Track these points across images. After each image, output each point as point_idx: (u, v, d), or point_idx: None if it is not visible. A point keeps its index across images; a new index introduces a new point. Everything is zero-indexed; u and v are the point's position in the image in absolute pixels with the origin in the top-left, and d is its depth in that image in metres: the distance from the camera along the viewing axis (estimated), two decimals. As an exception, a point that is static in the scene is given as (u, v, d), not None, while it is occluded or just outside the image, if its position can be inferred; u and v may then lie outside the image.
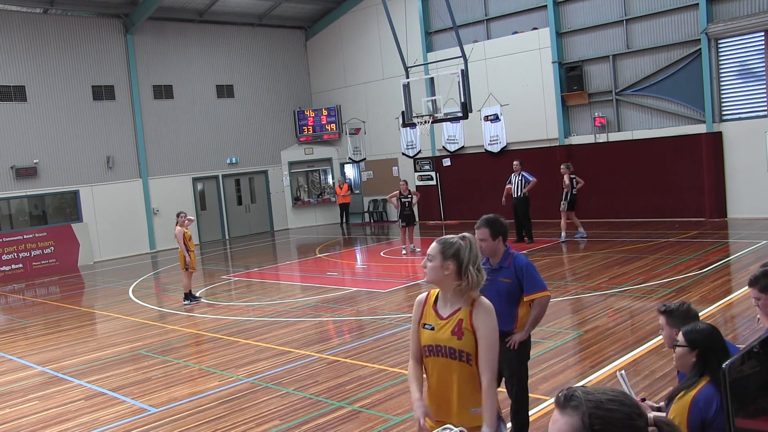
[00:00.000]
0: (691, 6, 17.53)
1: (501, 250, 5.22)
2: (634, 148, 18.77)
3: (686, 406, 3.31)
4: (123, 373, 8.82)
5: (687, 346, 3.49)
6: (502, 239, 5.21)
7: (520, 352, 5.28)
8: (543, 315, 5.30)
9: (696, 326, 3.56)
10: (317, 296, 12.67)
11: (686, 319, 3.96)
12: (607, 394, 1.76)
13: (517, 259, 5.21)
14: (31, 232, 20.05)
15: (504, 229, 5.24)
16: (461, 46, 17.23)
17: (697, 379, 3.41)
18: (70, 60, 21.05)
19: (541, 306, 5.24)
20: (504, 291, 5.12)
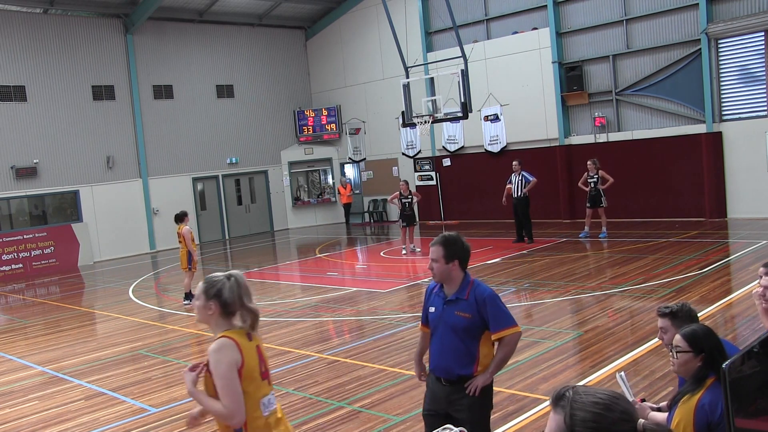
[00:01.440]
0: (691, 6, 17.53)
1: (457, 278, 4.35)
2: (634, 148, 18.78)
3: (692, 409, 3.28)
4: (123, 373, 8.82)
5: (691, 351, 3.42)
6: (458, 263, 4.33)
7: (482, 400, 4.41)
8: (512, 354, 4.44)
9: (695, 330, 3.49)
10: (317, 296, 12.67)
11: (688, 319, 3.94)
12: (596, 396, 1.79)
13: (479, 290, 4.32)
14: (31, 232, 20.05)
15: (463, 252, 4.35)
16: (461, 46, 17.23)
17: (700, 382, 3.39)
18: (70, 60, 21.05)
19: (511, 344, 4.37)
20: (461, 327, 4.29)
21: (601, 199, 16.06)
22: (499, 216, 20.63)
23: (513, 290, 11.68)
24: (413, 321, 10.17)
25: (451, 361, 4.32)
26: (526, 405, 6.41)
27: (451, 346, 4.31)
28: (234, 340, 3.40)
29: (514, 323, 4.33)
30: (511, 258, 14.77)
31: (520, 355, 7.98)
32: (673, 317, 3.96)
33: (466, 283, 4.36)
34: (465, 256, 4.37)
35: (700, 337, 3.44)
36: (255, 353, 3.54)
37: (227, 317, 3.49)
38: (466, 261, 4.37)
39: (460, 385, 4.29)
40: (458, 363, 4.30)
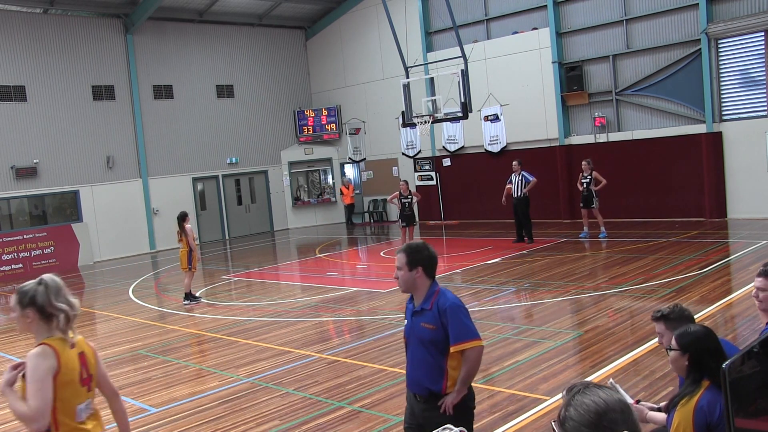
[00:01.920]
0: (691, 6, 17.53)
1: (423, 286, 4.16)
2: (634, 148, 18.78)
3: (691, 411, 3.31)
4: (123, 373, 8.82)
5: (679, 350, 3.49)
6: (423, 271, 4.13)
7: (457, 418, 4.08)
8: (477, 370, 4.19)
9: (688, 329, 3.54)
10: (317, 296, 12.67)
11: (683, 320, 3.96)
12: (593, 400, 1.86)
13: (442, 299, 4.11)
14: (31, 232, 20.04)
15: (427, 260, 4.15)
16: (461, 46, 17.23)
17: (697, 384, 3.41)
18: (70, 60, 21.05)
19: (473, 360, 4.12)
20: (427, 340, 4.12)
21: (593, 200, 16.06)
22: (499, 216, 20.63)
23: (513, 290, 11.68)
24: (413, 321, 10.17)
25: (422, 375, 4.17)
26: (526, 405, 6.42)
27: (421, 360, 4.17)
28: (53, 347, 3.43)
29: (475, 336, 4.10)
30: (511, 258, 14.77)
31: (520, 355, 7.98)
32: (666, 320, 3.99)
33: (431, 292, 4.17)
34: (429, 264, 4.17)
35: (687, 337, 3.49)
36: (76, 360, 3.56)
37: (47, 322, 3.49)
38: (432, 269, 4.19)
39: (434, 402, 4.13)
40: (428, 377, 4.14)
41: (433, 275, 4.20)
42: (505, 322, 9.72)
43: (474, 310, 10.54)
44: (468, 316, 4.13)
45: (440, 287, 4.19)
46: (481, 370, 7.58)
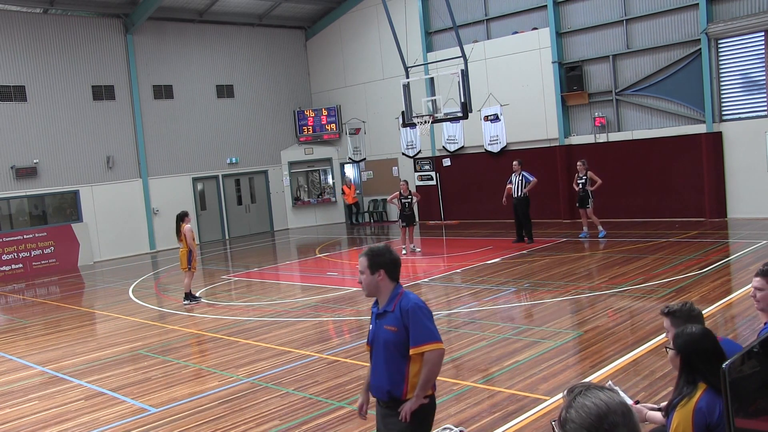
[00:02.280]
0: (691, 6, 17.53)
1: (386, 289, 4.13)
2: (634, 148, 18.78)
3: (690, 412, 3.31)
4: (123, 373, 8.82)
5: (674, 350, 3.52)
6: (386, 274, 4.10)
7: (414, 425, 4.03)
8: (436, 374, 4.08)
9: (684, 329, 3.55)
10: (317, 296, 12.67)
11: (689, 319, 3.95)
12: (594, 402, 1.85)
13: (404, 301, 4.05)
14: (31, 232, 20.05)
15: (389, 264, 4.13)
16: (461, 46, 17.23)
17: (693, 385, 3.41)
18: (70, 60, 21.05)
19: (432, 362, 4.00)
20: (390, 342, 4.04)
21: (588, 200, 16.06)
22: (499, 216, 20.63)
23: (513, 290, 11.68)
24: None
25: (384, 379, 4.10)
26: (526, 405, 6.42)
27: (383, 364, 4.10)
28: None
29: (435, 339, 3.99)
30: (511, 258, 14.77)
31: (520, 355, 7.98)
32: (672, 316, 3.99)
33: (395, 294, 4.11)
34: (392, 267, 4.14)
35: (681, 338, 3.51)
36: None
37: None
38: (394, 272, 4.16)
39: (395, 407, 4.04)
40: (389, 382, 4.07)
41: (397, 278, 4.17)
42: (505, 322, 9.72)
43: (474, 310, 10.55)
44: (430, 319, 4.05)
45: (404, 290, 4.14)
46: (481, 369, 7.61)
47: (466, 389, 7.00)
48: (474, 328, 9.47)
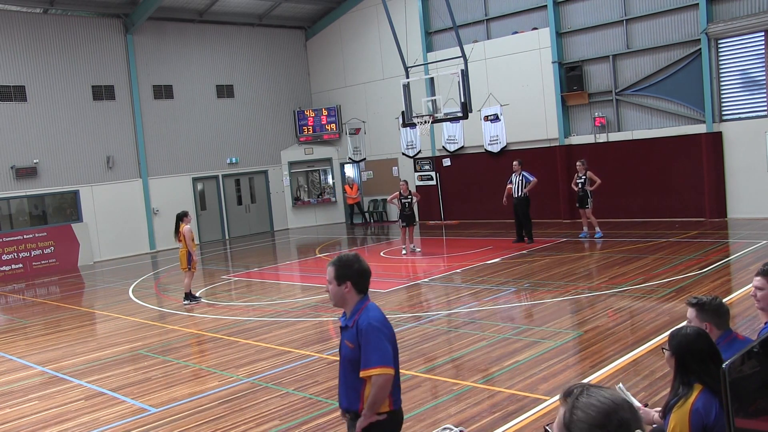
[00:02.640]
0: (691, 6, 17.53)
1: (351, 302, 3.97)
2: (634, 148, 18.78)
3: (686, 414, 3.31)
4: (123, 373, 8.82)
5: (669, 351, 3.52)
6: (352, 285, 3.94)
7: None
8: (383, 398, 3.89)
9: (680, 330, 3.53)
10: (317, 296, 12.66)
11: (717, 314, 3.89)
12: (599, 400, 1.82)
13: (362, 317, 3.89)
14: (31, 232, 20.05)
15: (357, 275, 3.96)
16: (461, 46, 17.22)
17: (688, 386, 3.40)
18: (70, 60, 21.05)
19: (378, 386, 3.83)
20: (348, 358, 3.96)
21: (587, 200, 16.06)
22: (499, 216, 20.63)
23: (513, 290, 11.68)
24: (413, 321, 10.18)
25: (343, 393, 4.08)
26: (526, 405, 6.42)
27: (343, 378, 4.07)
28: None
29: (381, 363, 3.82)
30: (511, 258, 14.76)
31: (520, 355, 7.98)
32: (699, 309, 3.93)
33: (357, 309, 3.95)
34: (359, 279, 3.97)
35: (675, 339, 3.50)
36: None
37: None
38: (362, 284, 3.98)
39: (356, 420, 3.98)
40: (346, 397, 4.04)
41: (364, 290, 4.01)
42: (505, 322, 9.72)
43: (474, 310, 10.55)
44: (383, 339, 3.85)
45: (369, 303, 3.99)
46: (481, 369, 7.61)
47: (466, 389, 7.00)
48: (474, 328, 9.47)
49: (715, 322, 3.95)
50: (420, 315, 10.56)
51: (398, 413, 4.05)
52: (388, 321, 4.01)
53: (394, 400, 4.00)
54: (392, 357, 3.90)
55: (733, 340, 3.97)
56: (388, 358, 3.85)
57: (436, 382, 7.46)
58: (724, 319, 3.96)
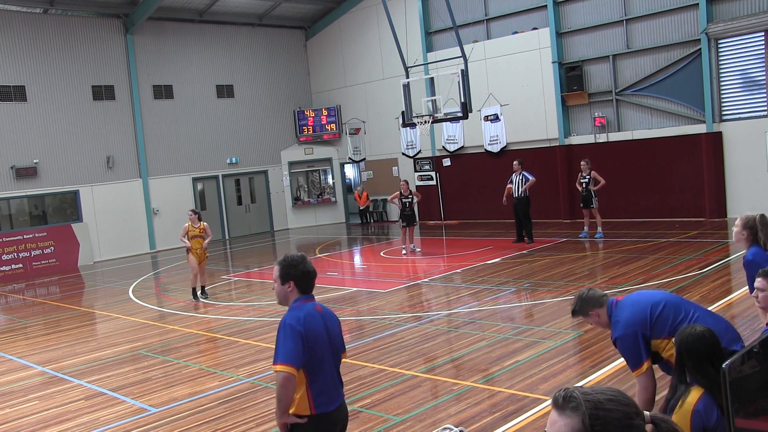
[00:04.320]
0: (691, 6, 17.53)
1: (291, 301, 4.02)
2: (634, 148, 18.78)
3: (688, 414, 3.30)
4: (123, 373, 8.82)
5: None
6: (295, 285, 3.97)
7: None
8: (285, 397, 3.88)
9: (686, 328, 3.52)
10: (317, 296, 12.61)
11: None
12: (605, 393, 1.76)
13: (285, 315, 3.96)
14: (31, 232, 20.05)
15: (300, 275, 3.97)
16: (461, 46, 17.22)
17: (685, 384, 3.39)
18: (70, 60, 21.05)
19: (278, 384, 3.86)
20: None
21: (592, 200, 16.05)
22: (499, 216, 20.63)
23: (513, 290, 11.68)
24: (413, 321, 10.18)
25: None
26: (526, 405, 6.42)
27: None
28: None
29: (281, 360, 3.82)
30: (511, 258, 14.77)
31: (520, 355, 7.98)
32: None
33: (290, 308, 3.99)
34: (303, 280, 3.98)
35: (678, 336, 3.50)
36: None
37: None
38: (305, 285, 4.00)
39: None
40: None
41: (307, 290, 4.02)
42: (505, 322, 9.72)
43: (474, 310, 10.55)
44: (290, 337, 3.82)
45: (299, 304, 3.97)
46: (481, 369, 7.60)
47: (466, 389, 7.00)
48: (474, 328, 9.47)
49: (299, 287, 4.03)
50: (420, 315, 10.56)
51: (323, 418, 3.91)
52: (315, 322, 3.92)
53: (317, 404, 3.88)
54: (297, 357, 3.79)
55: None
56: (291, 357, 3.78)
57: (436, 382, 7.46)
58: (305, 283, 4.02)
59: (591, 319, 4.62)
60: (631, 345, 4.41)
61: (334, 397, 4.00)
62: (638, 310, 4.44)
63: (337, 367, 4.11)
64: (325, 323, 4.06)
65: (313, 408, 3.89)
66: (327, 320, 4.09)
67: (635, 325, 4.40)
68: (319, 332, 3.95)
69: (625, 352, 4.50)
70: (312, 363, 3.89)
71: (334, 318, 4.22)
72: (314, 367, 3.89)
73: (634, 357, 4.43)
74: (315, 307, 4.05)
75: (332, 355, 4.06)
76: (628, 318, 4.43)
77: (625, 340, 4.44)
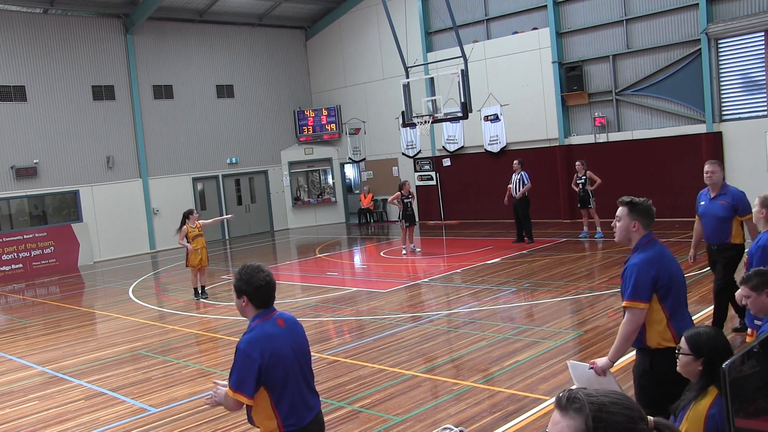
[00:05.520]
0: (691, 6, 17.53)
1: (250, 315, 3.87)
2: (634, 148, 18.77)
3: (701, 419, 3.22)
4: (123, 373, 8.82)
5: (692, 354, 3.36)
6: (249, 300, 3.81)
7: None
8: (230, 409, 3.85)
9: (700, 332, 3.40)
10: (317, 296, 12.67)
11: (647, 215, 4.29)
12: (609, 396, 1.75)
13: (243, 336, 3.83)
14: (31, 232, 20.05)
15: (254, 292, 3.77)
16: (461, 46, 17.22)
17: (704, 389, 3.30)
18: (70, 60, 21.05)
19: (228, 408, 3.83)
20: None
21: (590, 200, 16.05)
22: (499, 216, 20.63)
23: (513, 290, 11.68)
24: (413, 321, 10.18)
25: None
26: (526, 405, 6.42)
27: None
28: None
29: (233, 387, 3.69)
30: (511, 258, 14.77)
31: (520, 355, 7.98)
32: (631, 208, 4.30)
33: (249, 327, 3.81)
34: (257, 294, 3.75)
35: (702, 341, 3.36)
36: None
37: None
38: (260, 299, 3.78)
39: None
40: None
41: (262, 305, 3.79)
42: (505, 322, 9.72)
43: (474, 310, 10.55)
44: (240, 365, 3.67)
45: (257, 323, 3.77)
46: (481, 369, 7.61)
47: (466, 389, 7.01)
48: (474, 328, 9.47)
49: (643, 222, 4.32)
50: (420, 315, 10.56)
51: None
52: (274, 343, 3.73)
53: (286, 425, 3.74)
54: (248, 386, 3.65)
55: (654, 241, 4.32)
56: (242, 386, 3.65)
57: (436, 382, 7.46)
58: (650, 221, 4.30)
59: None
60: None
61: (304, 413, 3.82)
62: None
63: (306, 379, 3.92)
64: (291, 337, 3.85)
65: (282, 429, 3.75)
66: (292, 333, 3.88)
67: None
68: (282, 351, 3.75)
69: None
70: (274, 383, 3.71)
71: (299, 327, 4.00)
72: (277, 387, 3.72)
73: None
74: (276, 321, 3.82)
75: (300, 369, 3.87)
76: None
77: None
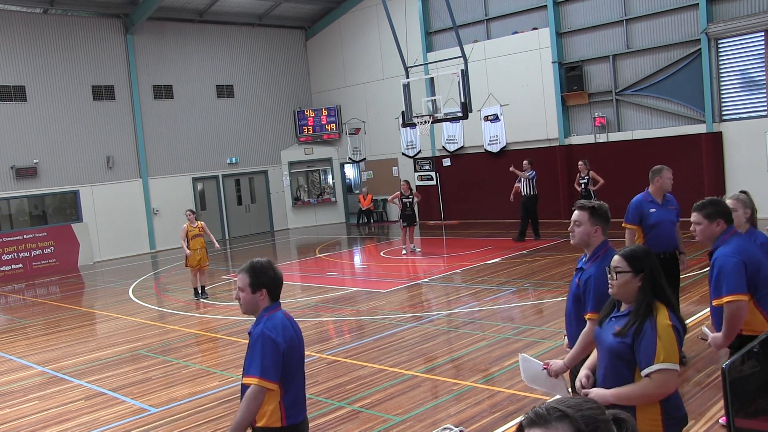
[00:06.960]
0: (691, 6, 17.53)
1: (262, 309, 3.88)
2: (634, 148, 18.77)
3: (670, 331, 3.18)
4: (123, 373, 8.82)
5: (631, 271, 3.34)
6: (267, 293, 3.86)
7: None
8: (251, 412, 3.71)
9: (633, 248, 3.41)
10: (317, 296, 12.67)
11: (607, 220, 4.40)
12: (570, 399, 1.74)
13: (257, 326, 3.81)
14: (31, 232, 20.04)
15: (272, 282, 3.87)
16: (461, 46, 17.23)
17: (649, 309, 3.25)
18: (70, 60, 21.05)
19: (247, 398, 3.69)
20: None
21: (592, 200, 16.07)
22: (499, 216, 20.62)
23: (513, 290, 11.68)
24: (413, 321, 10.18)
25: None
26: (526, 405, 6.41)
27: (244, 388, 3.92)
28: None
29: (255, 373, 3.63)
30: (511, 258, 14.77)
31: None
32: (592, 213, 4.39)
33: (260, 317, 3.83)
34: (273, 286, 3.87)
35: (640, 256, 3.38)
36: None
37: None
38: (276, 291, 3.87)
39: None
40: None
41: (277, 297, 3.90)
42: (505, 322, 9.72)
43: (474, 310, 10.55)
44: (264, 349, 3.65)
45: (271, 313, 3.82)
46: (481, 369, 7.61)
47: (466, 389, 7.01)
48: (474, 328, 9.47)
49: (604, 227, 4.39)
50: (420, 315, 10.56)
51: (292, 429, 3.81)
52: (290, 332, 3.79)
53: (288, 416, 3.76)
54: (275, 372, 3.67)
55: (610, 249, 4.33)
56: (268, 372, 3.65)
57: (436, 382, 7.46)
58: (609, 225, 4.41)
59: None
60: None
61: (302, 409, 3.88)
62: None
63: (304, 376, 3.99)
64: (295, 332, 3.91)
65: (285, 420, 3.76)
66: (296, 328, 3.96)
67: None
68: (294, 342, 3.83)
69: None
70: (286, 375, 3.76)
71: (298, 325, 4.06)
72: (288, 378, 3.77)
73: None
74: (285, 314, 3.91)
75: (303, 364, 3.95)
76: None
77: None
